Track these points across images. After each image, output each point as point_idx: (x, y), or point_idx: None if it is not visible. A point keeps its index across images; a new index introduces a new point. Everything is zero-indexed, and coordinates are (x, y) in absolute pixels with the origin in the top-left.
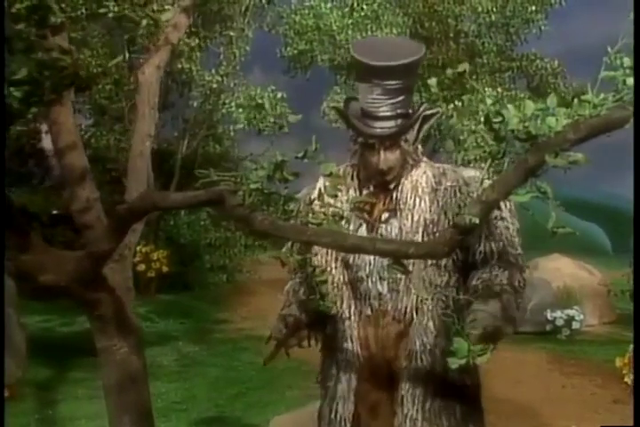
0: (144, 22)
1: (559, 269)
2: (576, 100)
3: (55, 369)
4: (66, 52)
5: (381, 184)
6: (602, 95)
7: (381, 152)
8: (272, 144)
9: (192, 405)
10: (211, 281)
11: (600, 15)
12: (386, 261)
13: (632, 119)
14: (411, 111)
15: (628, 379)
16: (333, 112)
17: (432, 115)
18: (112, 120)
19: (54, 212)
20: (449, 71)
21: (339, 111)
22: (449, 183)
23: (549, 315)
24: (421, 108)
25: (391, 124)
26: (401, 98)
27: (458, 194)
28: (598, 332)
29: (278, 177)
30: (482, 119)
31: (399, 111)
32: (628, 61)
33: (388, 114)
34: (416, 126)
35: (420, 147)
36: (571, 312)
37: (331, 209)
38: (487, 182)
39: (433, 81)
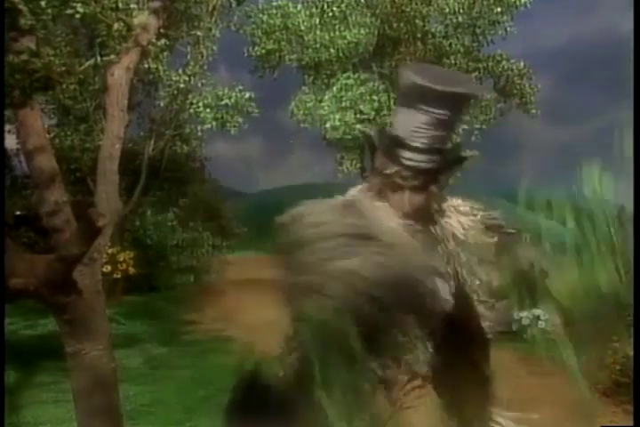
0: (116, 26)
1: None
2: None
3: (19, 373)
4: (36, 54)
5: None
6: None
7: (407, 191)
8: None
9: (161, 408)
10: (178, 282)
11: (563, 17)
12: None
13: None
14: (446, 148)
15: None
16: (302, 112)
17: (467, 157)
18: (76, 120)
19: (17, 213)
20: None
21: (368, 138)
22: (476, 224)
23: (516, 314)
24: (456, 149)
25: (423, 157)
26: (443, 132)
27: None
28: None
29: None
30: None
31: (436, 146)
32: None
33: (424, 146)
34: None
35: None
36: (537, 312)
37: None
38: None
39: None
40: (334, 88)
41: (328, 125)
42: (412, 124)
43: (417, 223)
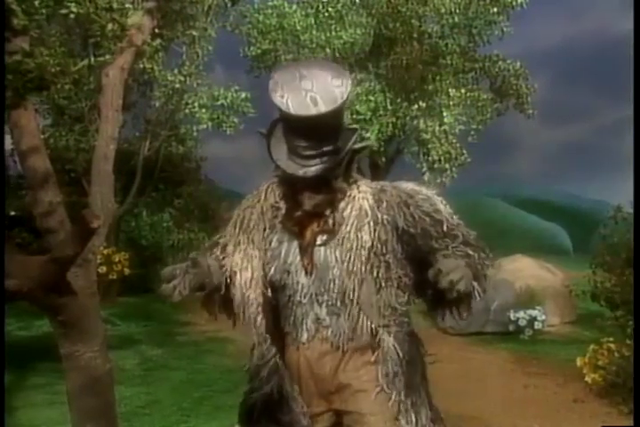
0: (110, 26)
1: (521, 270)
2: None
3: (13, 375)
4: (29, 55)
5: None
6: None
7: (305, 192)
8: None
9: (156, 409)
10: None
11: (559, 17)
12: (322, 288)
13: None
14: (339, 145)
15: (588, 378)
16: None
17: (362, 148)
18: (71, 120)
19: (12, 213)
20: None
21: (265, 137)
22: (392, 198)
23: (512, 315)
24: (348, 146)
25: (315, 161)
26: (326, 136)
27: (404, 208)
28: (560, 332)
29: None
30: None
31: (325, 149)
32: None
33: (311, 153)
34: (344, 162)
35: (353, 172)
36: (533, 312)
37: None
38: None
39: None
40: None
41: None
42: (292, 135)
43: (317, 213)
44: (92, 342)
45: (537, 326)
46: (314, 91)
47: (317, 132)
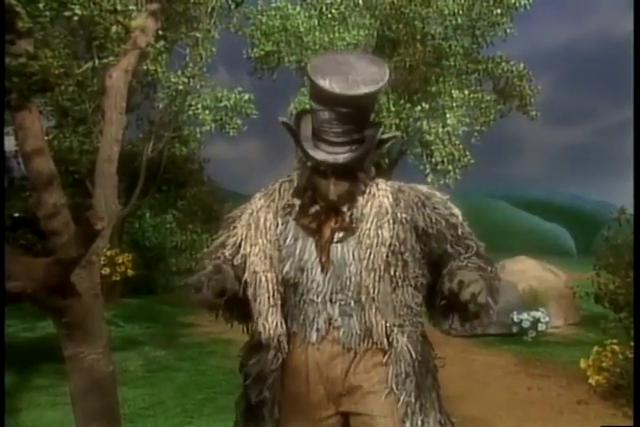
0: (114, 28)
1: (525, 271)
2: None
3: (16, 376)
4: (34, 57)
5: (329, 207)
6: None
7: (332, 180)
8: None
9: (159, 410)
10: (177, 284)
11: (563, 19)
12: (338, 286)
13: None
14: (366, 135)
15: (592, 380)
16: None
17: (388, 139)
18: (75, 122)
19: (15, 215)
20: None
21: (289, 127)
22: (409, 198)
23: (515, 317)
24: (378, 136)
25: (345, 149)
26: (358, 123)
27: (422, 208)
28: (563, 333)
29: None
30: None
31: (354, 137)
32: None
33: (342, 140)
34: (372, 151)
35: (372, 167)
36: (536, 314)
37: None
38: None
39: None
40: None
41: None
42: (323, 119)
43: (341, 206)
44: (96, 344)
45: (540, 327)
46: (354, 74)
47: (353, 117)
